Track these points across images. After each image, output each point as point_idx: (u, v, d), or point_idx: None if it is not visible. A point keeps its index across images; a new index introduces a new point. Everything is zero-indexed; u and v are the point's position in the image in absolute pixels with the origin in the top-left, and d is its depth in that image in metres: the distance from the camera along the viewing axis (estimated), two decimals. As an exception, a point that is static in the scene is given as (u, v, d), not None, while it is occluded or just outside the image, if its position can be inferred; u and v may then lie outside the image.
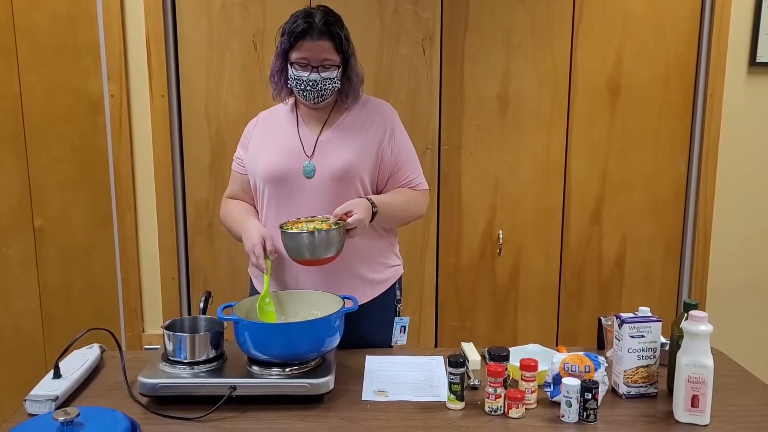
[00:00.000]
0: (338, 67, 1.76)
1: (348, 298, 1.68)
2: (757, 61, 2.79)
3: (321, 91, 1.77)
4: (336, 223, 1.66)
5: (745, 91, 2.82)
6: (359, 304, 1.69)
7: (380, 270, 1.90)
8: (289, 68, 1.77)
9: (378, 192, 1.88)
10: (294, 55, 1.75)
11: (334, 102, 1.86)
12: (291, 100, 1.91)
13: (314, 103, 1.81)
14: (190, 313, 2.90)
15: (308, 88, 1.77)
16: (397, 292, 1.96)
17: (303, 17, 1.73)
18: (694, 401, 1.43)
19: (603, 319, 1.81)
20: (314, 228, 1.66)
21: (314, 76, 1.75)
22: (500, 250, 2.89)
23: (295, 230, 1.67)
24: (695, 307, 1.48)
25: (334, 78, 1.76)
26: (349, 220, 1.67)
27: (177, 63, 2.73)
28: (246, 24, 2.70)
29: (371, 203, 1.75)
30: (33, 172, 2.79)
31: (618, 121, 2.83)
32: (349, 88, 1.82)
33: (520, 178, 2.85)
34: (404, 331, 1.96)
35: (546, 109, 2.81)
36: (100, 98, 2.74)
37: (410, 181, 1.89)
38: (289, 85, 1.81)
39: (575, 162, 2.86)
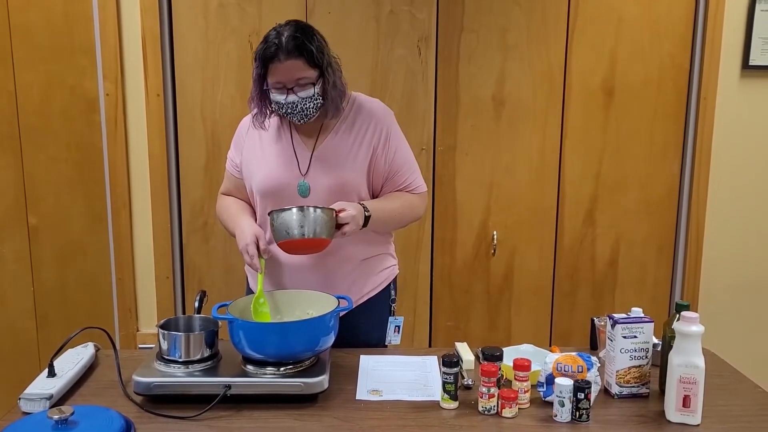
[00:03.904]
0: (314, 83, 1.70)
1: (343, 297, 1.68)
2: (750, 64, 2.81)
3: (303, 111, 1.72)
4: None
5: (738, 94, 2.84)
6: (354, 303, 1.69)
7: (375, 274, 1.91)
8: (270, 93, 1.73)
9: (374, 197, 1.87)
10: (269, 80, 1.71)
11: (328, 117, 1.80)
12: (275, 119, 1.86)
13: (301, 123, 1.77)
14: (184, 313, 2.90)
15: (290, 111, 1.72)
16: (392, 292, 1.96)
17: (271, 39, 1.67)
18: (686, 401, 1.44)
19: (596, 320, 1.82)
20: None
21: (291, 98, 1.69)
22: (494, 251, 2.90)
23: None
24: (687, 307, 1.49)
25: (313, 95, 1.70)
26: (342, 215, 1.66)
27: (173, 62, 2.73)
28: (242, 24, 2.70)
29: (364, 208, 1.74)
30: (28, 170, 2.79)
31: (612, 122, 2.85)
32: (328, 103, 1.74)
33: (515, 179, 2.86)
34: (398, 331, 1.96)
35: (541, 110, 2.82)
36: (95, 97, 2.73)
37: (407, 185, 1.87)
38: (272, 109, 1.77)
39: (569, 163, 2.87)
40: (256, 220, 1.88)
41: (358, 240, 1.82)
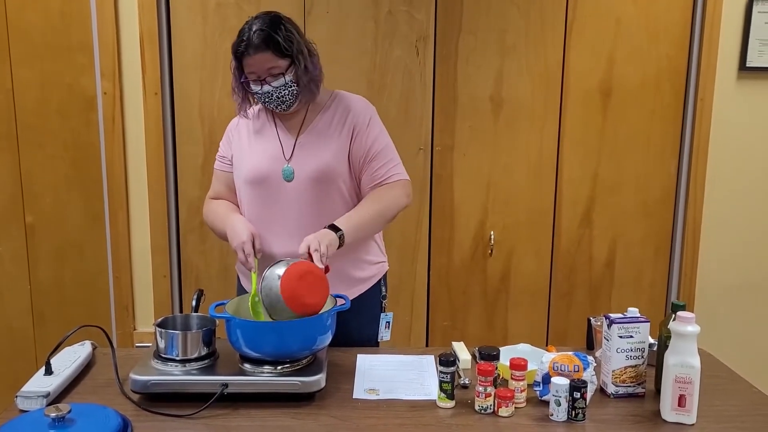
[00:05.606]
0: (284, 73, 1.75)
1: (340, 296, 1.69)
2: (747, 65, 2.82)
3: (280, 99, 1.78)
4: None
5: (735, 96, 2.85)
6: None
7: (365, 267, 1.91)
8: (247, 84, 1.80)
9: (360, 190, 1.87)
10: (245, 71, 1.78)
11: (307, 103, 1.86)
12: (257, 108, 1.93)
13: (281, 111, 1.83)
14: (181, 311, 2.90)
15: (266, 100, 1.79)
16: (383, 289, 1.97)
17: (243, 33, 1.75)
18: (681, 401, 1.45)
19: (592, 320, 1.83)
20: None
21: (266, 88, 1.76)
22: (491, 251, 2.90)
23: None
24: (683, 308, 1.49)
25: (287, 83, 1.76)
26: (300, 250, 1.61)
27: (171, 61, 2.73)
28: (240, 23, 2.65)
29: (335, 228, 1.69)
30: (25, 169, 2.78)
31: (609, 123, 2.85)
32: (303, 89, 1.79)
33: (513, 179, 2.87)
34: (389, 327, 1.97)
35: (538, 111, 2.83)
36: (93, 96, 2.73)
37: (382, 175, 1.84)
38: (252, 98, 1.85)
39: (567, 163, 2.87)
40: None
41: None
